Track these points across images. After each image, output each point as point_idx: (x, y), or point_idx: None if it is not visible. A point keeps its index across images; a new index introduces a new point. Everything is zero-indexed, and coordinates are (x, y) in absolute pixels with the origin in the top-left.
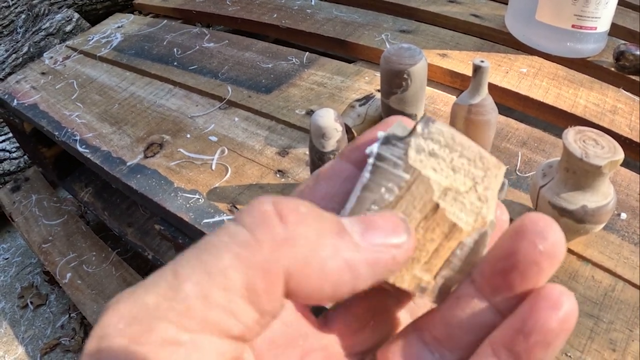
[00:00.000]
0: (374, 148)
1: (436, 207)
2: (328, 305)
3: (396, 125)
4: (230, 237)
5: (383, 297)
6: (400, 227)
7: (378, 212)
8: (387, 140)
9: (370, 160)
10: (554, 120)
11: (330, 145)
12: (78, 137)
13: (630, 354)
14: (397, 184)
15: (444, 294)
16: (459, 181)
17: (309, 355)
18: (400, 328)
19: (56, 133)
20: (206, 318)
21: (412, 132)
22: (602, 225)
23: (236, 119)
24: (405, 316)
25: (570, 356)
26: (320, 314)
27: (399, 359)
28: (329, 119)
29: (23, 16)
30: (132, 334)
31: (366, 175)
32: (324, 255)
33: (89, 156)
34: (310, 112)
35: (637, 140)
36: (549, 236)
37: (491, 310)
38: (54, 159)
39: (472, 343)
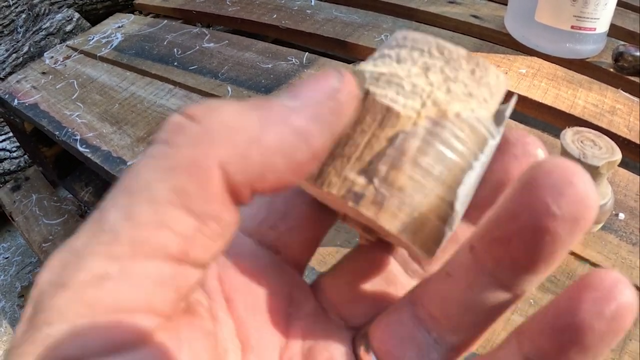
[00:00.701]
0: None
1: (366, 94)
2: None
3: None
4: (147, 156)
5: (380, 264)
6: (330, 74)
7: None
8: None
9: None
10: (553, 120)
11: None
12: (78, 137)
13: (628, 353)
14: None
15: (397, 211)
16: (401, 68)
17: (296, 323)
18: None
19: (56, 133)
20: (134, 239)
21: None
22: (600, 225)
23: None
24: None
25: None
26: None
27: (390, 340)
28: None
29: (23, 16)
30: (60, 280)
31: None
32: (255, 131)
33: (89, 156)
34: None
35: (636, 141)
36: (569, 191)
37: (495, 285)
38: (54, 158)
39: (475, 324)
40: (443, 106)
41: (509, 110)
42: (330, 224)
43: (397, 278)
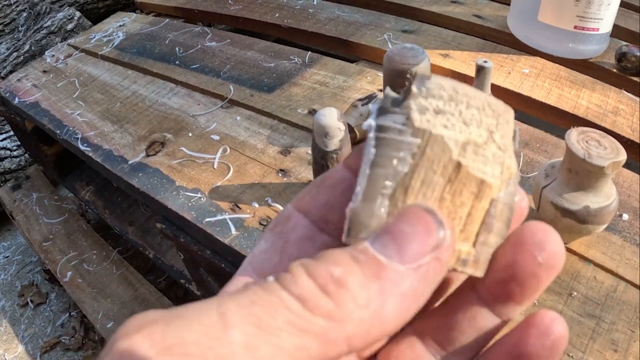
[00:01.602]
0: (371, 121)
1: (458, 165)
2: None
3: (385, 96)
4: (281, 301)
5: None
6: (431, 223)
7: (402, 217)
8: (382, 110)
9: (371, 134)
10: (556, 121)
11: (333, 144)
12: (79, 136)
13: (632, 355)
14: (408, 151)
15: (485, 262)
16: (475, 133)
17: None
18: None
19: (57, 131)
20: None
21: (408, 94)
22: (604, 226)
23: (238, 117)
24: None
25: (572, 356)
26: None
27: None
28: (332, 118)
29: (25, 14)
30: None
31: (371, 150)
32: (377, 305)
33: (90, 154)
34: (312, 112)
35: (639, 142)
36: (548, 247)
37: (492, 316)
38: (55, 157)
39: (475, 347)
40: (512, 169)
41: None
42: None
43: None
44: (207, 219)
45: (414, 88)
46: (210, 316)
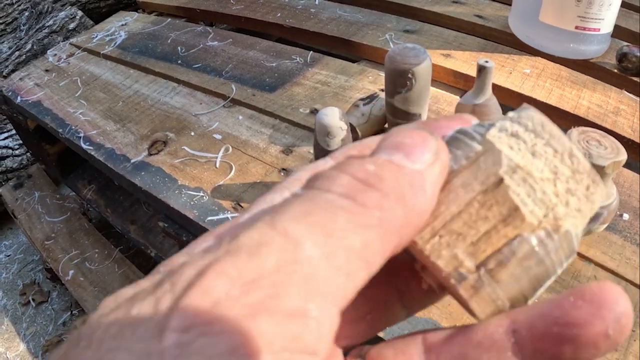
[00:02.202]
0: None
1: (500, 181)
2: None
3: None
4: (332, 203)
5: (384, 289)
6: (424, 133)
7: (397, 134)
8: (479, 124)
9: (451, 132)
10: (557, 120)
11: (335, 143)
12: (82, 134)
13: (632, 354)
14: (466, 153)
15: (487, 301)
16: (536, 166)
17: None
18: (397, 323)
19: (60, 130)
20: (330, 282)
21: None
22: (604, 226)
23: (240, 117)
24: (402, 313)
25: None
26: None
27: None
28: (334, 118)
29: (26, 13)
30: (252, 303)
31: None
32: (411, 198)
33: (93, 153)
34: (314, 111)
35: (639, 142)
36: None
37: None
38: (57, 156)
39: None
40: (560, 221)
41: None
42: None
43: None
44: (210, 218)
45: (510, 113)
46: (273, 239)
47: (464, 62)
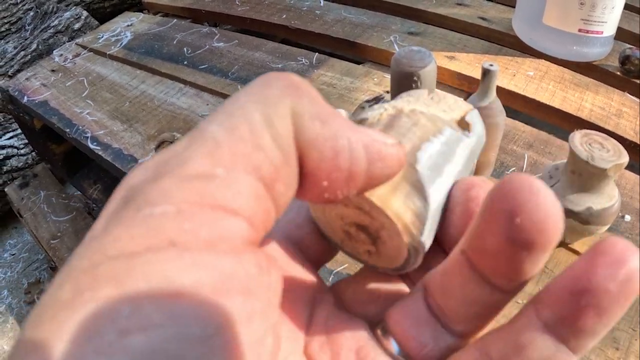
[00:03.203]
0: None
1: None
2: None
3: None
4: (243, 90)
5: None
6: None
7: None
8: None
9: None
10: (560, 123)
11: None
12: (89, 135)
13: (633, 353)
14: (382, 108)
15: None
16: (377, 107)
17: (318, 315)
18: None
19: (67, 130)
20: (235, 151)
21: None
22: (606, 227)
23: None
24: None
25: None
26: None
27: (407, 321)
28: None
29: (31, 13)
30: (160, 171)
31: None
32: (327, 114)
33: (100, 153)
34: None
35: None
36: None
37: (489, 287)
38: (64, 155)
39: (476, 317)
40: (400, 107)
41: (470, 117)
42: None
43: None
44: None
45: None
46: (193, 135)
47: (468, 64)
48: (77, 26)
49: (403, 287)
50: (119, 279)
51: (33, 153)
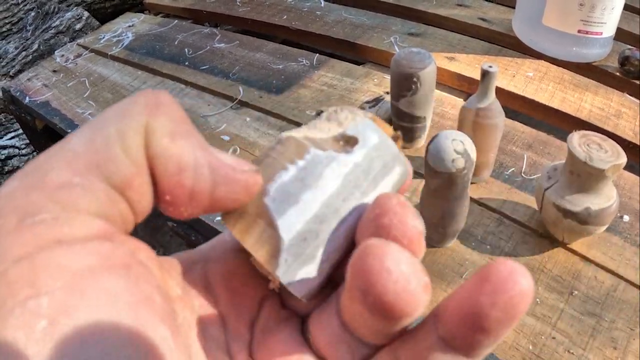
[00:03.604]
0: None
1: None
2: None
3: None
4: (111, 106)
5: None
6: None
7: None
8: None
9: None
10: (559, 123)
11: None
12: None
13: (631, 353)
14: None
15: (240, 224)
16: (321, 132)
17: (265, 304)
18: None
19: (69, 130)
20: (90, 162)
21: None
22: (605, 227)
23: (248, 118)
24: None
25: (573, 353)
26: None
27: (324, 337)
28: None
29: (32, 13)
30: (27, 183)
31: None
32: (182, 132)
33: None
34: (320, 114)
35: None
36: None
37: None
38: None
39: (381, 337)
40: (289, 134)
41: (354, 130)
42: None
43: None
44: (218, 218)
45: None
46: (58, 143)
47: (468, 65)
48: (78, 27)
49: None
50: (29, 279)
51: (34, 153)
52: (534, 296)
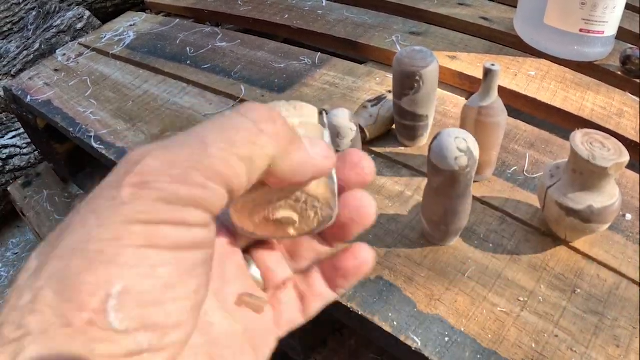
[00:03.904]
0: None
1: None
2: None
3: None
4: (242, 123)
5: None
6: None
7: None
8: None
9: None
10: (561, 122)
11: (345, 144)
12: (93, 134)
13: (634, 351)
14: None
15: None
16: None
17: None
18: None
19: (71, 129)
20: (222, 172)
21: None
22: (607, 225)
23: None
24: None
25: (575, 351)
26: None
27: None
28: (344, 119)
29: (34, 13)
30: (172, 175)
31: None
32: (295, 152)
33: (104, 152)
34: (322, 112)
35: None
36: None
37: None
38: (66, 155)
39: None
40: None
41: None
42: None
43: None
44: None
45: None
46: (193, 140)
47: (470, 64)
48: (79, 26)
49: None
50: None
51: (36, 152)
52: (537, 294)
